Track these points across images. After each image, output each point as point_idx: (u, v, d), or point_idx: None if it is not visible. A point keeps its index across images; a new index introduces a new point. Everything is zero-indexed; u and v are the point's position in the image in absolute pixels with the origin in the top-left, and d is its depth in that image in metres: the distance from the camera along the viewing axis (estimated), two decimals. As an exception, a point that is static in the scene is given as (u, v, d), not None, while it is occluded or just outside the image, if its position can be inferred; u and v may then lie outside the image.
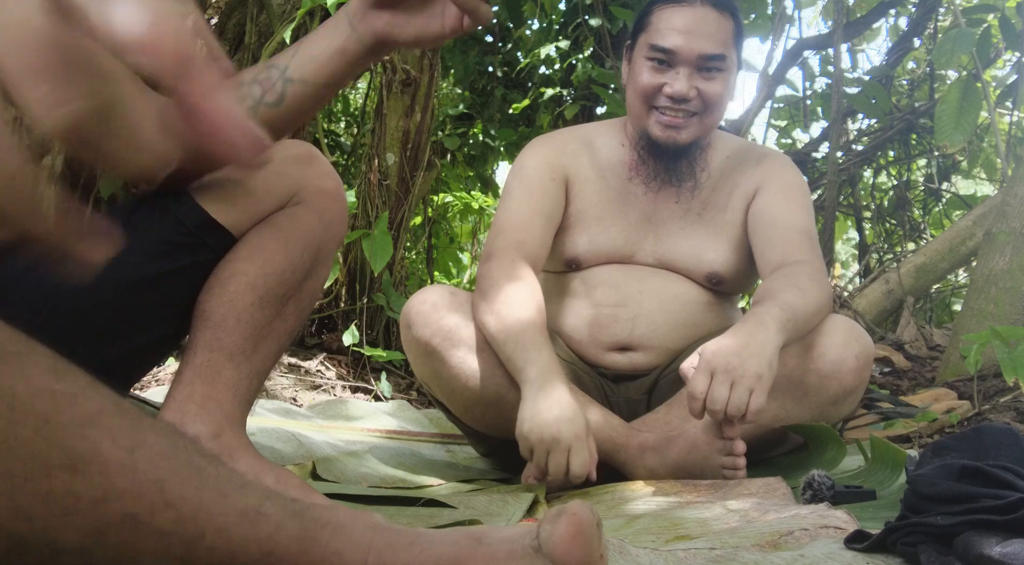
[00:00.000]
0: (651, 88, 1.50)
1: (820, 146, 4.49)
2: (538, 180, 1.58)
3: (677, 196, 1.60)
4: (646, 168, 1.59)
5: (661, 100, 1.50)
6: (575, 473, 1.24)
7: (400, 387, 2.85)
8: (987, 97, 2.73)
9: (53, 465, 0.46)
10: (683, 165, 1.59)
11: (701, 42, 1.46)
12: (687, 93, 1.48)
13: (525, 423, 1.27)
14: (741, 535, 0.84)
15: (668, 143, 1.52)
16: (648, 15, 1.53)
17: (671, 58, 1.48)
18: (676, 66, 1.48)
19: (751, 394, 1.19)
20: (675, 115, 1.50)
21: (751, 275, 1.63)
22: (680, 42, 1.47)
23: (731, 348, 1.22)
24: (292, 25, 2.60)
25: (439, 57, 3.25)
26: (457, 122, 4.37)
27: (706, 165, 1.61)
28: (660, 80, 1.49)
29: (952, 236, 3.68)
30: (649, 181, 1.59)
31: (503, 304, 1.40)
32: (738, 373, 1.19)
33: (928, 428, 1.79)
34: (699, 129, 1.53)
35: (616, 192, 1.61)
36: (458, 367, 1.43)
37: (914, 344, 3.22)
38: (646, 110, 1.52)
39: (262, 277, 1.03)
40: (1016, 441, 0.83)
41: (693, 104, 1.49)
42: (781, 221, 1.53)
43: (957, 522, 0.71)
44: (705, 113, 1.51)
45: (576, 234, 1.59)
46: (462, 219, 4.51)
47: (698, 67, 1.48)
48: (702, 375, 1.21)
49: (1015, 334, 1.69)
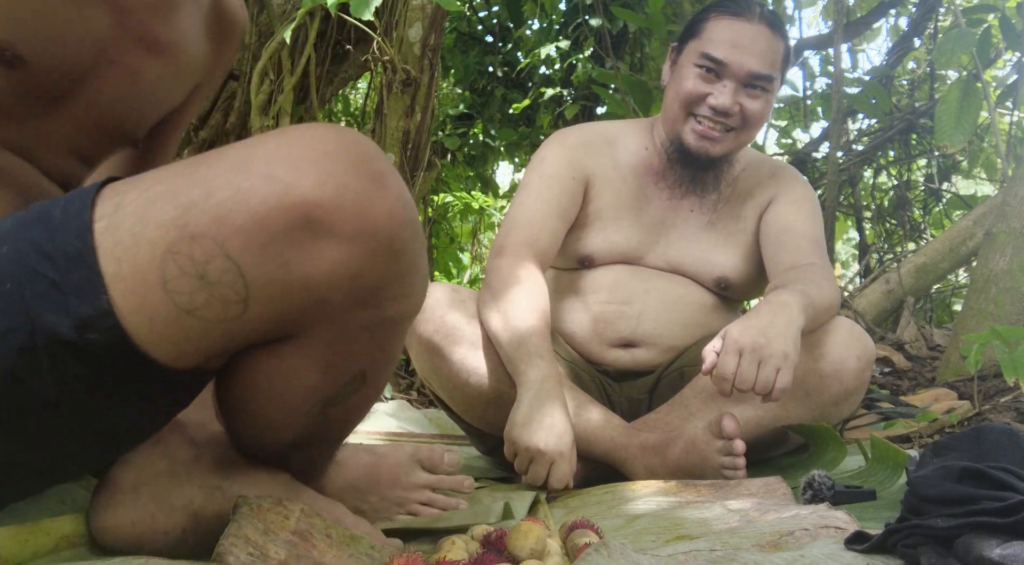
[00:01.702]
0: (695, 96, 1.50)
1: (820, 146, 4.49)
2: (557, 177, 1.58)
3: (694, 205, 1.61)
4: (673, 174, 1.59)
5: (703, 109, 1.50)
6: (552, 486, 1.25)
7: (400, 387, 2.86)
8: (987, 97, 2.73)
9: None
10: (709, 176, 1.59)
11: (752, 59, 1.46)
12: (730, 107, 1.47)
13: (515, 428, 1.28)
14: (741, 535, 0.84)
15: (700, 153, 1.52)
16: (704, 21, 1.52)
17: (720, 69, 1.47)
18: (724, 78, 1.48)
19: (778, 373, 1.20)
20: (712, 127, 1.50)
21: (759, 283, 1.64)
22: (732, 55, 1.46)
23: (757, 327, 1.23)
24: (292, 25, 2.60)
25: (439, 57, 3.25)
26: (457, 122, 4.38)
27: (730, 176, 1.61)
28: (705, 89, 1.49)
29: (952, 236, 3.68)
30: (674, 188, 1.60)
31: (509, 304, 1.40)
32: (766, 352, 1.21)
33: (928, 428, 1.79)
34: (733, 144, 1.53)
35: (633, 195, 1.61)
36: (459, 364, 1.44)
37: (914, 344, 3.22)
38: (684, 116, 1.52)
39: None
40: (1016, 442, 0.83)
41: (733, 119, 1.49)
42: (793, 229, 1.55)
43: (957, 524, 0.71)
44: (743, 130, 1.51)
45: (591, 233, 1.59)
46: (462, 219, 4.52)
47: (744, 83, 1.48)
48: (731, 355, 1.22)
49: (1015, 334, 1.69)
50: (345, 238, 0.66)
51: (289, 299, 0.67)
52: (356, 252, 0.67)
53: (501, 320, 1.39)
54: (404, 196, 0.69)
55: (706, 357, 1.26)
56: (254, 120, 2.92)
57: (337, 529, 0.80)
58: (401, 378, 2.92)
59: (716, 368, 1.24)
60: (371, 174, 0.67)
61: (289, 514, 0.76)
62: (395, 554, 0.75)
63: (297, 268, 0.66)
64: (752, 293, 1.68)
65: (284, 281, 0.66)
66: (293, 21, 2.61)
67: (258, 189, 0.64)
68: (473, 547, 0.82)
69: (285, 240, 0.65)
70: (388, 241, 0.68)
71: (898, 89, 4.71)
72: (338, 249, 0.66)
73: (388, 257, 0.68)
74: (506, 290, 1.42)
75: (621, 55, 3.86)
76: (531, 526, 0.80)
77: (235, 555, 0.67)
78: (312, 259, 0.66)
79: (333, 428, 0.85)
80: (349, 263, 0.67)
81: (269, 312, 0.68)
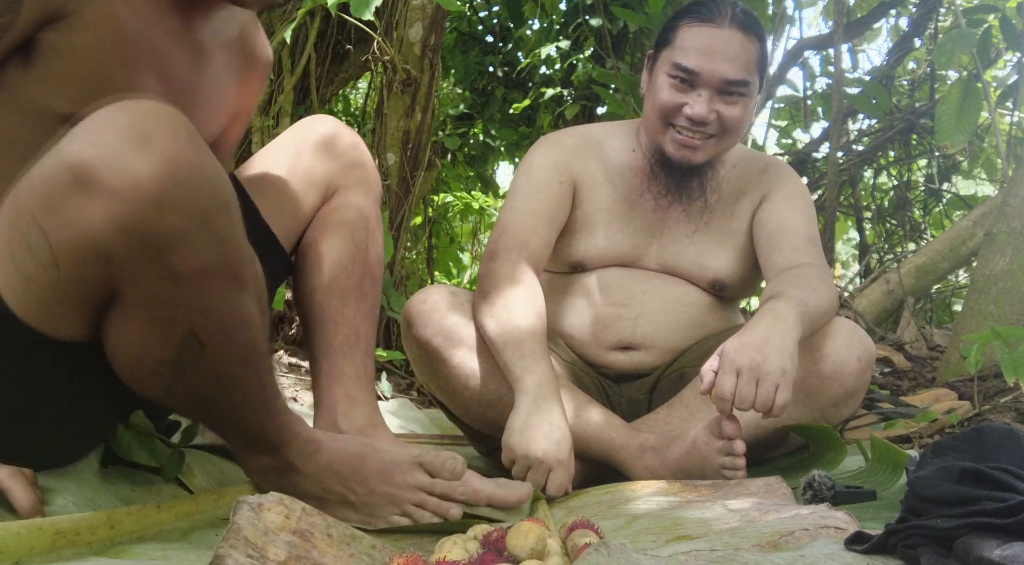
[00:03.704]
0: (671, 106, 1.48)
1: (820, 146, 4.50)
2: (545, 181, 1.57)
3: (683, 208, 1.60)
4: (657, 183, 1.58)
5: (680, 119, 1.48)
6: (550, 494, 1.25)
7: (400, 387, 2.86)
8: (988, 97, 2.73)
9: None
10: (694, 183, 1.58)
11: (725, 66, 1.44)
12: (706, 116, 1.46)
13: (513, 435, 1.27)
14: (741, 535, 0.84)
15: (682, 161, 1.52)
16: (674, 30, 1.50)
17: (693, 79, 1.46)
18: (698, 87, 1.46)
19: (776, 389, 1.20)
20: (692, 136, 1.48)
21: (754, 282, 1.63)
22: (704, 64, 1.44)
23: (752, 345, 1.22)
24: (292, 25, 2.60)
25: (439, 57, 3.25)
26: (457, 122, 4.38)
27: (716, 180, 1.60)
28: (680, 99, 1.47)
29: (952, 236, 3.68)
30: (659, 197, 1.59)
31: (503, 308, 1.39)
32: (763, 370, 1.19)
33: (928, 428, 1.79)
34: (715, 150, 1.52)
35: (624, 198, 1.60)
36: (458, 367, 1.44)
37: (914, 344, 3.22)
38: (663, 126, 1.51)
39: (333, 280, 1.24)
40: (1016, 442, 0.83)
41: (711, 127, 1.48)
42: (787, 227, 1.53)
43: (957, 525, 0.71)
44: (723, 136, 1.50)
45: (582, 238, 1.59)
46: (462, 219, 4.52)
47: (720, 90, 1.46)
48: (728, 375, 1.21)
49: (1015, 334, 1.69)
50: (110, 193, 0.75)
51: (84, 255, 0.77)
52: (122, 207, 0.75)
53: (496, 324, 1.39)
54: (177, 158, 0.77)
55: (704, 376, 1.25)
56: (254, 120, 2.92)
57: (338, 528, 0.80)
58: (401, 378, 2.93)
59: (714, 388, 1.23)
60: (137, 136, 0.76)
61: (290, 514, 0.76)
62: (395, 554, 0.75)
63: (79, 223, 0.75)
64: (749, 291, 1.67)
65: (74, 239, 0.76)
66: (293, 21, 2.61)
67: (51, 159, 0.77)
68: (473, 547, 0.82)
69: (65, 198, 0.75)
70: (154, 197, 0.76)
71: (898, 89, 4.71)
72: (106, 204, 0.75)
73: (156, 212, 0.76)
74: (500, 293, 1.41)
75: (621, 55, 3.86)
76: (531, 526, 0.79)
77: (234, 557, 0.67)
78: (88, 214, 0.75)
79: (201, 400, 0.93)
80: (118, 217, 0.75)
81: (77, 272, 0.78)
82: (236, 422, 0.98)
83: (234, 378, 0.91)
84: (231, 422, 0.98)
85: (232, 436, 1.02)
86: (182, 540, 0.89)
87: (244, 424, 0.98)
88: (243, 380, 0.92)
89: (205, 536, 0.91)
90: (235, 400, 0.94)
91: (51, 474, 0.92)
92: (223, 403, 0.94)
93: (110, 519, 0.81)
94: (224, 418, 0.98)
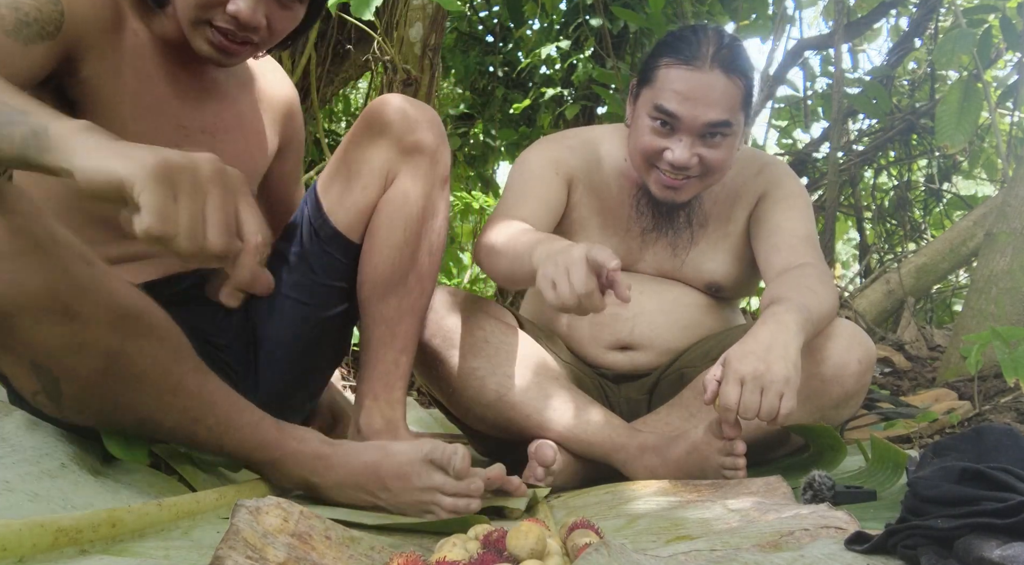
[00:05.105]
0: (652, 151, 1.47)
1: (821, 146, 4.49)
2: (540, 175, 1.57)
3: (675, 221, 1.60)
4: (643, 219, 1.59)
5: (662, 163, 1.47)
6: (577, 290, 1.13)
7: (400, 387, 2.85)
8: (988, 97, 2.73)
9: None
10: (680, 216, 1.59)
11: (707, 110, 1.41)
12: (687, 161, 1.44)
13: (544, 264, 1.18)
14: (742, 535, 0.84)
15: (666, 200, 1.52)
16: (655, 68, 1.47)
17: (674, 122, 1.43)
18: (678, 132, 1.44)
19: (781, 398, 1.19)
20: (675, 177, 1.47)
21: (752, 282, 1.63)
22: (685, 109, 1.42)
23: (756, 353, 1.21)
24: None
25: (440, 57, 3.25)
26: (458, 122, 4.38)
27: (709, 190, 1.59)
28: (662, 144, 1.45)
29: (953, 236, 3.68)
30: (647, 232, 1.60)
31: (505, 228, 1.41)
32: (767, 379, 1.18)
33: (928, 428, 1.79)
34: (699, 187, 1.51)
35: (618, 202, 1.60)
36: (458, 368, 1.43)
37: (914, 344, 3.22)
38: (646, 167, 1.50)
39: (375, 277, 1.26)
40: (1017, 442, 0.83)
41: (694, 170, 1.46)
42: (784, 228, 1.53)
43: (957, 525, 0.71)
44: (706, 176, 1.49)
45: (578, 241, 1.59)
46: (462, 219, 4.51)
47: (701, 134, 1.44)
48: (732, 384, 1.20)
49: (1015, 334, 1.69)
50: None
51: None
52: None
53: (500, 236, 1.38)
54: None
55: (707, 386, 1.24)
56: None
57: (336, 530, 0.80)
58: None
59: (718, 398, 1.22)
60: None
61: (288, 517, 0.76)
62: (395, 554, 0.75)
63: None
64: (747, 292, 1.67)
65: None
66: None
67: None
68: (473, 547, 0.82)
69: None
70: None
71: (898, 89, 4.71)
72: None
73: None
74: (499, 231, 1.41)
75: (622, 55, 3.86)
76: (531, 526, 0.79)
77: (234, 558, 0.67)
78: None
79: (143, 428, 1.01)
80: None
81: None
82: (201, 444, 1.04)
83: (142, 405, 0.96)
84: (198, 445, 1.04)
85: (224, 457, 1.07)
86: (184, 538, 0.89)
87: (215, 446, 1.04)
88: (155, 405, 0.97)
89: (207, 534, 0.91)
90: (167, 428, 1.00)
91: (50, 475, 0.92)
92: (161, 433, 1.01)
93: (112, 517, 0.81)
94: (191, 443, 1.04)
